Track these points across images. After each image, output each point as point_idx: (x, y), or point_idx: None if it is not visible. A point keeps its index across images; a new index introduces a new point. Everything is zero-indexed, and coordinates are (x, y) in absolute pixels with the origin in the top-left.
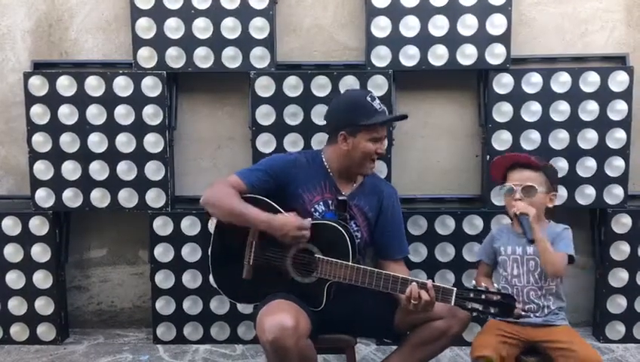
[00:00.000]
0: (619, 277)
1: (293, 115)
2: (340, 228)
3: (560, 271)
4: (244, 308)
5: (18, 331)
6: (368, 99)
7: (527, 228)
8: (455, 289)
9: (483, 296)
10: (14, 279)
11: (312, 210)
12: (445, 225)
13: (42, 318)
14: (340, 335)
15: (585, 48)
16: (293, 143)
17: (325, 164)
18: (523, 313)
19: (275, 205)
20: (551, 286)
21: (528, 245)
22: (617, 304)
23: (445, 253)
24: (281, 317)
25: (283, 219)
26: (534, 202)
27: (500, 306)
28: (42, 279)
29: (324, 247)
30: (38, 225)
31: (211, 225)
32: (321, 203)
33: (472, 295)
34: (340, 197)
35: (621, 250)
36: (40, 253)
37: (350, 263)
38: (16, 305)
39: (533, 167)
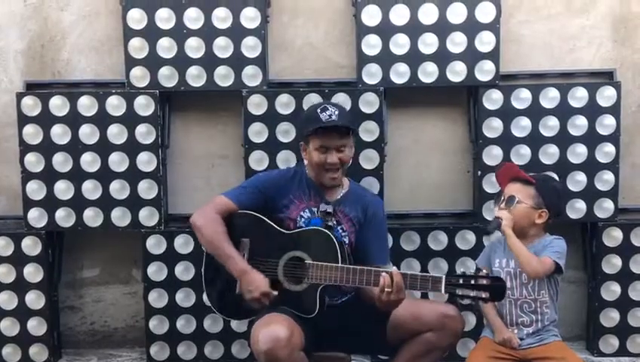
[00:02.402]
0: (611, 291)
1: (285, 133)
2: (327, 232)
3: (537, 270)
4: (238, 327)
5: (10, 352)
6: (318, 110)
7: (493, 225)
8: (444, 276)
9: (473, 281)
10: (6, 300)
11: (298, 217)
12: (438, 241)
13: (35, 339)
14: (335, 352)
15: (573, 64)
16: (285, 160)
17: (308, 175)
18: (519, 341)
19: (267, 219)
20: (544, 298)
21: (486, 236)
22: (610, 317)
23: (438, 268)
24: (275, 328)
25: (253, 280)
26: (516, 213)
27: (490, 290)
28: (35, 299)
29: (313, 253)
30: (31, 246)
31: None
32: (306, 210)
33: (461, 281)
34: (325, 203)
35: (613, 264)
36: (32, 273)
37: (339, 264)
38: (8, 326)
39: (526, 181)
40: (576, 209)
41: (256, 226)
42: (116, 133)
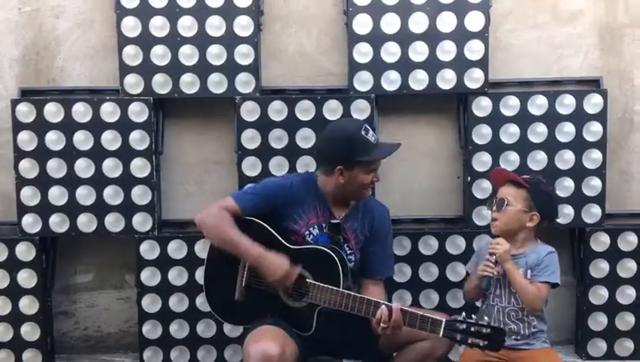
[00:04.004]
0: (599, 295)
1: (278, 139)
2: (331, 253)
3: (537, 306)
4: (231, 332)
5: (4, 357)
6: (363, 132)
7: (485, 284)
8: (444, 320)
9: (473, 329)
10: (0, 305)
11: (307, 233)
12: (429, 246)
13: (28, 344)
14: (328, 359)
15: (560, 72)
16: (278, 166)
17: (320, 188)
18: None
19: (271, 229)
20: None
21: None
22: (598, 321)
23: (429, 272)
24: (266, 345)
25: (272, 262)
26: (507, 216)
27: (489, 339)
28: (28, 305)
29: (315, 272)
30: (25, 251)
31: (206, 245)
32: (315, 226)
33: (461, 327)
34: (334, 221)
35: (600, 268)
36: (26, 278)
37: (340, 289)
38: (1, 331)
39: (518, 184)
40: (565, 214)
41: (262, 235)
42: (110, 140)
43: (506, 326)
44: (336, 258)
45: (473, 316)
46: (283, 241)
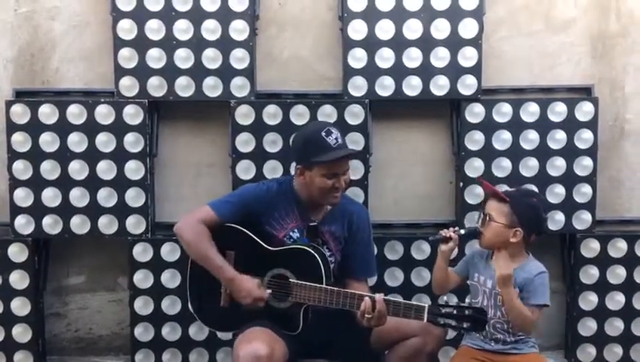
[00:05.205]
0: (589, 301)
1: (272, 143)
2: (312, 252)
3: (528, 330)
4: (223, 335)
5: None
6: (323, 134)
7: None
8: (427, 305)
9: (455, 311)
10: None
11: (287, 237)
12: (421, 250)
13: (20, 346)
14: (319, 360)
15: (552, 80)
16: (272, 170)
17: (296, 191)
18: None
19: (252, 235)
20: None
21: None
22: (588, 327)
23: (421, 277)
24: (255, 346)
25: (244, 285)
26: (492, 232)
27: (472, 320)
28: (20, 306)
29: (298, 271)
30: (17, 252)
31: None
32: (295, 229)
33: (444, 311)
34: (311, 224)
35: (590, 274)
36: (18, 280)
37: (323, 286)
38: None
39: (500, 198)
40: (555, 220)
41: (242, 240)
42: (105, 142)
43: (492, 336)
44: (317, 256)
45: (455, 300)
46: (264, 244)
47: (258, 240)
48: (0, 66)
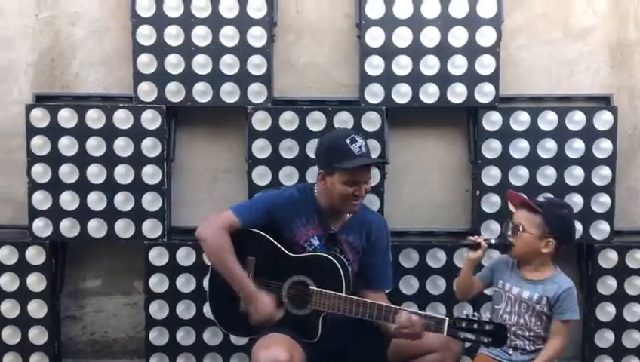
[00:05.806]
0: (606, 312)
1: (288, 149)
2: (333, 260)
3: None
4: (237, 340)
5: (11, 360)
6: (347, 141)
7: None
8: (447, 318)
9: (475, 326)
10: (9, 308)
11: (307, 244)
12: (436, 258)
13: (36, 348)
14: None
15: (571, 88)
16: (288, 176)
17: (317, 198)
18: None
19: (274, 241)
20: (539, 330)
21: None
22: (605, 338)
23: (436, 285)
24: (275, 351)
25: (261, 304)
26: (523, 243)
27: (492, 336)
28: (37, 308)
29: (318, 279)
30: (35, 255)
31: (207, 258)
32: (315, 237)
33: (464, 324)
34: (330, 232)
35: (608, 285)
36: (35, 282)
37: (343, 294)
38: (9, 334)
39: (532, 208)
40: None
41: (263, 246)
42: (122, 146)
43: (511, 342)
44: (337, 263)
45: (476, 313)
46: (285, 251)
47: (280, 246)
48: (20, 71)
